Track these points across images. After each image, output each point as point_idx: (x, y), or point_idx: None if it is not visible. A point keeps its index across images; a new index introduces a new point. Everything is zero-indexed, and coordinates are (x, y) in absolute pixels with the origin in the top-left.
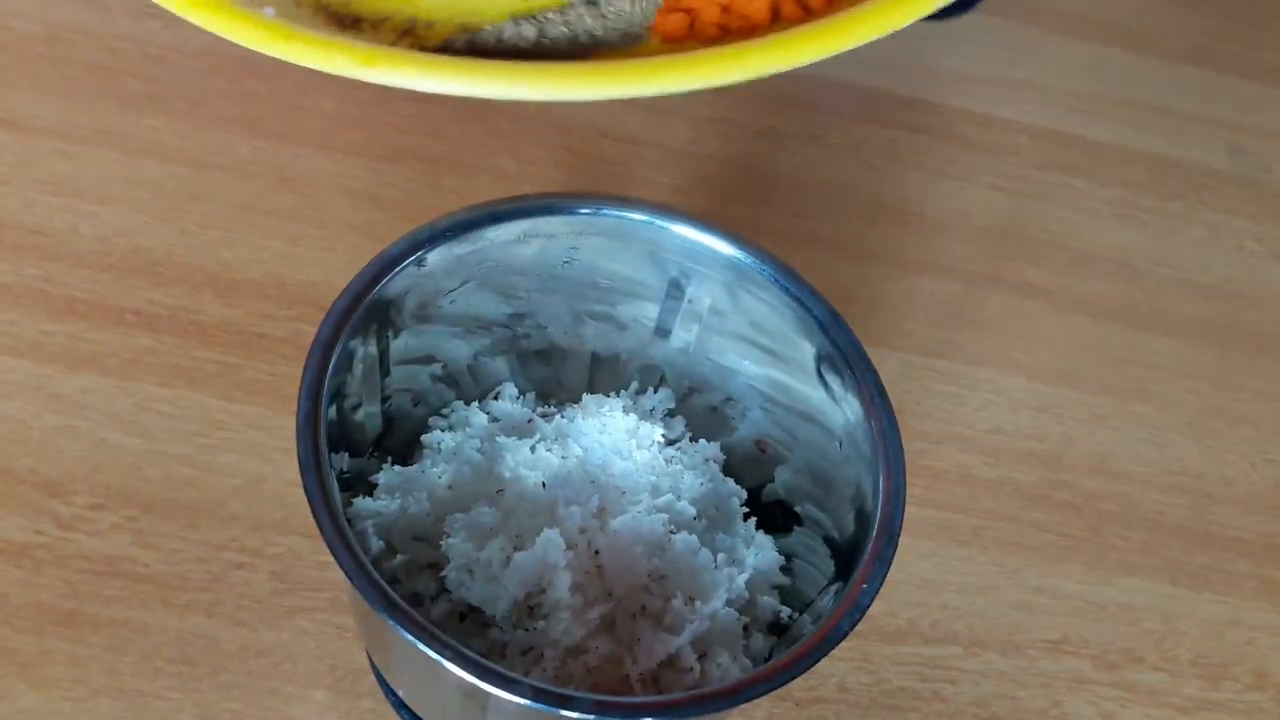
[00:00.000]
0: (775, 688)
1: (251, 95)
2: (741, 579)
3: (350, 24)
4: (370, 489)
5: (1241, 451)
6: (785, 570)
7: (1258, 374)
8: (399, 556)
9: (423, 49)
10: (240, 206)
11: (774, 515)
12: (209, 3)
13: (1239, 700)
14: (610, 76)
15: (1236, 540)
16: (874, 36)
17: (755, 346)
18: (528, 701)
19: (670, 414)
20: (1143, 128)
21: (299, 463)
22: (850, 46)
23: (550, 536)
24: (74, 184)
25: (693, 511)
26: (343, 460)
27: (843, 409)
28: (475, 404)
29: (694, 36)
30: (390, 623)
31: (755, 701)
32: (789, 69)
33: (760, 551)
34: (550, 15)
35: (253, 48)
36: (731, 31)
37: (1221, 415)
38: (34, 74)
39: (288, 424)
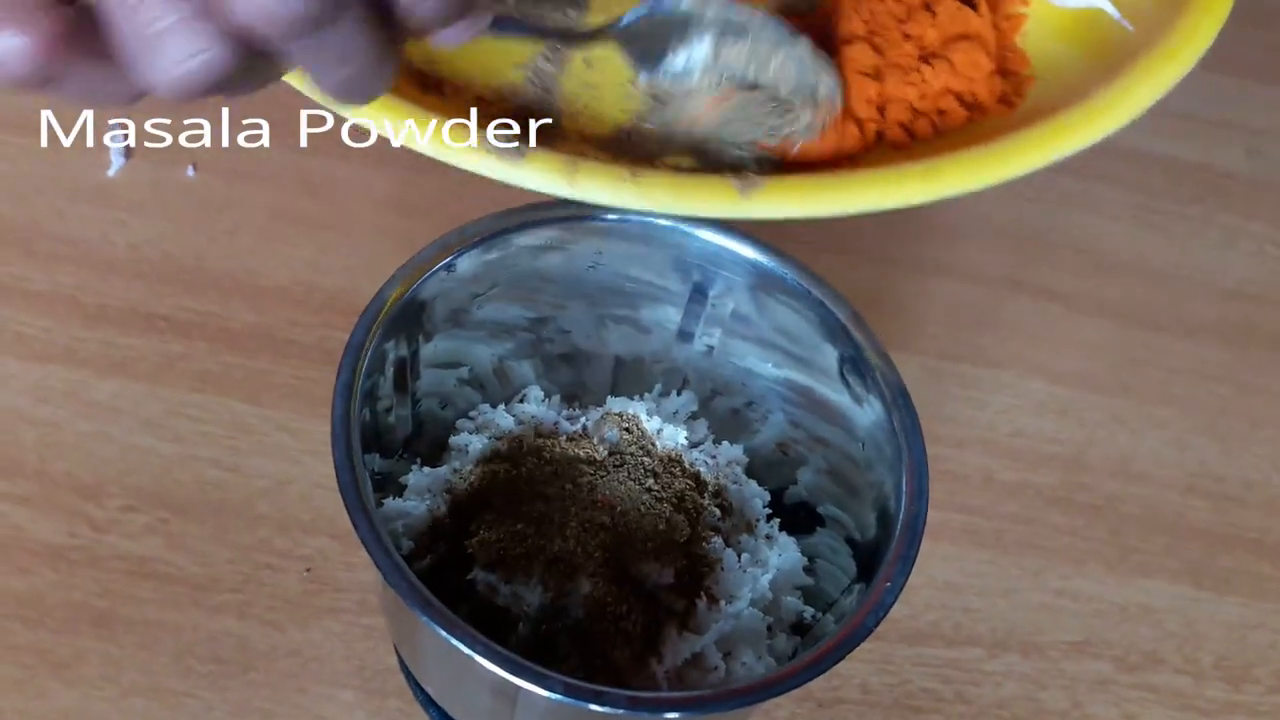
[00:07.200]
0: (800, 684)
1: (281, 105)
2: (765, 579)
3: (433, 86)
4: (400, 490)
5: (1263, 453)
6: (808, 571)
7: (1278, 376)
8: (429, 556)
9: (493, 118)
10: (269, 215)
11: (797, 516)
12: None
13: (1262, 703)
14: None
15: (1258, 543)
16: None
17: (777, 350)
18: (560, 696)
19: (693, 417)
20: (1161, 133)
21: (334, 463)
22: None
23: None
24: (105, 193)
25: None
26: (374, 461)
27: (865, 411)
28: (501, 407)
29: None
30: (425, 620)
31: (779, 701)
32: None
33: (783, 552)
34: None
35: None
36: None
37: (1242, 417)
38: None
39: (316, 428)
